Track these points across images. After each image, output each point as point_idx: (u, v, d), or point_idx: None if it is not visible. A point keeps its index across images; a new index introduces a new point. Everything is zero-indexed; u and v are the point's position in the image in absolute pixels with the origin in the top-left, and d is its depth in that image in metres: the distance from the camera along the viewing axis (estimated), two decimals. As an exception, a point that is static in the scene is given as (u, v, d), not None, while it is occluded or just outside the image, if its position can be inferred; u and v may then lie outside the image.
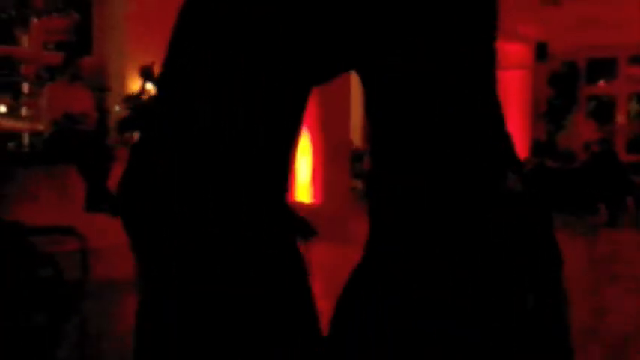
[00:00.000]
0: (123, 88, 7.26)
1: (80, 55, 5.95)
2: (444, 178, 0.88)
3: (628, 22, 9.47)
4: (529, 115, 11.31)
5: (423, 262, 0.88)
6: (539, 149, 10.51)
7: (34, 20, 7.41)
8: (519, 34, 10.05)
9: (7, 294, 1.94)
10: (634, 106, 11.75)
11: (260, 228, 0.79)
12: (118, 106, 6.76)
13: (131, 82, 7.39)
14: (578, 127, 11.12)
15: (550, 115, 11.60)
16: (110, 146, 5.50)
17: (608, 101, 11.53)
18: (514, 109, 11.11)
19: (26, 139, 7.26)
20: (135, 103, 6.50)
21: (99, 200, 4.90)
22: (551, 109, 11.58)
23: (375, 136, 0.96)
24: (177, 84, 0.83)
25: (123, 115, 6.56)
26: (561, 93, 11.52)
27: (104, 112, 6.56)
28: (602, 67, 11.68)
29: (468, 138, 0.89)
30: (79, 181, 4.94)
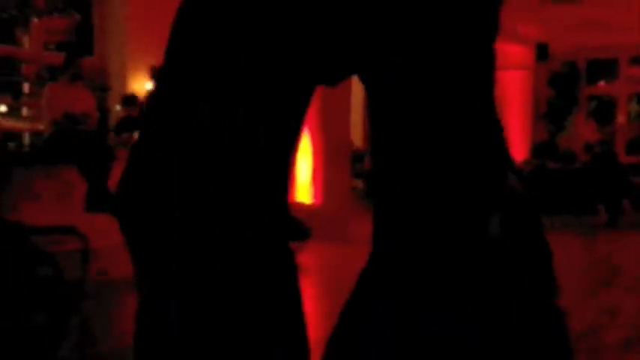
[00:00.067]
0: (124, 87, 7.27)
1: (81, 55, 5.95)
2: (444, 178, 0.88)
3: (629, 23, 9.47)
4: (530, 116, 11.32)
5: (423, 262, 0.88)
6: (539, 150, 10.51)
7: (34, 20, 7.41)
8: (520, 34, 10.05)
9: (8, 294, 1.94)
10: (634, 107, 11.75)
11: (260, 228, 0.79)
12: (118, 106, 6.76)
13: (132, 82, 7.40)
14: (578, 128, 11.12)
15: (551, 116, 11.60)
16: (111, 146, 5.50)
17: (608, 102, 11.53)
18: (515, 109, 11.11)
19: (27, 138, 7.26)
20: (134, 103, 6.51)
21: (99, 200, 4.90)
22: (552, 109, 11.58)
23: (376, 136, 0.96)
24: (176, 82, 0.83)
25: (121, 115, 6.57)
26: (562, 93, 11.52)
27: (105, 112, 6.57)
28: (603, 68, 11.68)
29: (468, 138, 0.89)
30: (79, 181, 4.94)
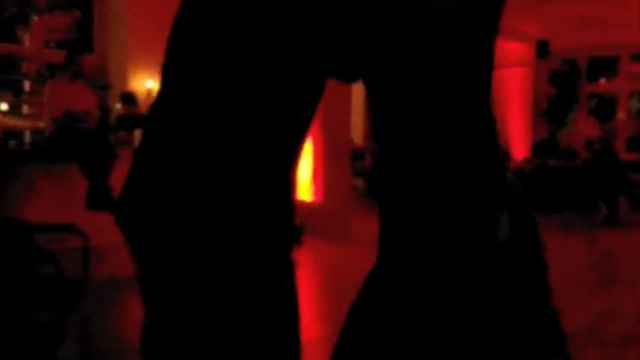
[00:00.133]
0: (124, 85, 7.27)
1: (81, 53, 5.95)
2: (444, 177, 0.88)
3: (629, 21, 9.46)
4: (530, 114, 11.31)
5: (423, 262, 0.88)
6: (540, 147, 10.51)
7: (35, 18, 7.41)
8: (520, 32, 10.03)
9: (8, 292, 1.94)
10: (635, 105, 11.74)
11: (259, 228, 0.80)
12: (119, 104, 6.77)
13: (132, 80, 7.40)
14: (579, 125, 11.11)
15: (551, 114, 11.58)
16: (111, 144, 5.51)
17: (609, 99, 11.52)
18: (515, 107, 11.11)
19: (28, 136, 7.27)
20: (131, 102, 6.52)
21: (100, 198, 4.91)
22: (553, 107, 11.57)
23: (377, 136, 0.96)
24: (177, 82, 0.83)
25: (120, 113, 6.57)
26: (562, 91, 11.51)
27: (105, 110, 6.57)
28: (604, 65, 11.67)
29: (468, 138, 0.89)
30: (80, 179, 4.94)
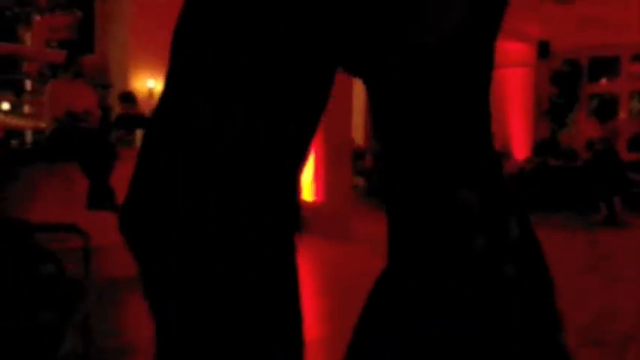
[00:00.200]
0: (125, 85, 7.28)
1: (82, 53, 5.96)
2: (444, 177, 0.88)
3: (630, 21, 9.46)
4: (531, 113, 11.32)
5: (423, 262, 0.88)
6: (541, 147, 10.52)
7: (36, 18, 7.42)
8: (521, 32, 10.04)
9: (9, 292, 1.95)
10: (636, 105, 11.74)
11: (260, 228, 0.80)
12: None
13: (133, 80, 7.41)
14: (580, 126, 11.11)
15: (552, 114, 11.59)
16: (113, 143, 5.52)
17: (610, 99, 11.52)
18: (516, 107, 11.11)
19: (29, 136, 7.29)
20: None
21: (101, 197, 4.92)
22: (554, 107, 11.57)
23: (377, 136, 0.97)
24: (178, 82, 0.83)
25: (118, 112, 6.58)
26: (564, 91, 11.52)
27: (106, 109, 6.58)
28: (605, 66, 11.66)
29: (468, 138, 0.89)
30: (81, 179, 4.95)
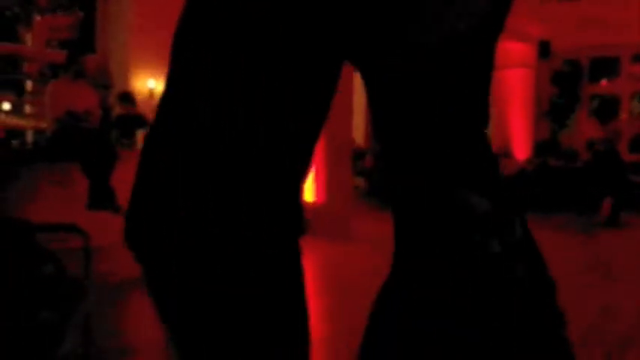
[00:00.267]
0: (126, 85, 7.28)
1: (83, 53, 5.96)
2: (444, 178, 0.88)
3: (631, 21, 9.46)
4: (532, 114, 11.31)
5: (423, 262, 0.88)
6: (541, 148, 10.52)
7: (37, 18, 7.43)
8: (522, 32, 10.04)
9: (9, 291, 1.95)
10: (636, 105, 11.73)
11: (260, 228, 0.80)
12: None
13: (134, 80, 7.41)
14: (580, 126, 11.11)
15: (553, 114, 11.59)
16: (113, 144, 5.52)
17: (611, 100, 11.52)
18: (517, 107, 11.11)
19: (30, 136, 7.29)
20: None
21: (102, 198, 4.92)
22: (554, 107, 11.57)
23: (378, 136, 0.97)
24: (178, 83, 0.83)
25: (118, 113, 6.58)
26: (564, 92, 11.52)
27: (107, 109, 6.58)
28: (605, 66, 11.66)
29: (468, 138, 0.89)
30: (82, 179, 4.96)
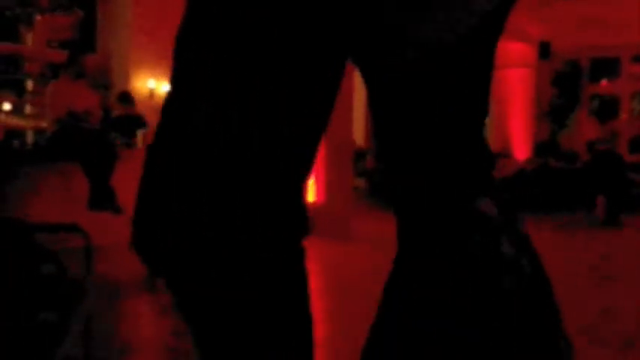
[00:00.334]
0: (126, 85, 7.29)
1: (84, 53, 5.97)
2: (443, 177, 0.88)
3: (631, 22, 9.46)
4: (532, 114, 11.31)
5: (423, 262, 0.89)
6: (541, 148, 10.52)
7: (38, 18, 7.42)
8: (523, 33, 10.04)
9: (10, 291, 1.95)
10: (637, 106, 11.74)
11: (255, 231, 0.80)
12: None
13: (135, 80, 7.41)
14: (581, 127, 11.11)
15: (553, 114, 11.59)
16: (114, 144, 5.52)
17: (611, 100, 11.52)
18: (517, 107, 11.11)
19: (30, 136, 7.28)
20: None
21: (102, 198, 4.92)
22: (554, 108, 11.57)
23: (378, 136, 0.97)
24: (177, 86, 0.83)
25: (117, 113, 6.58)
26: (564, 92, 11.52)
27: (108, 109, 6.58)
28: (606, 66, 11.67)
29: (468, 138, 0.89)
30: (82, 179, 4.96)
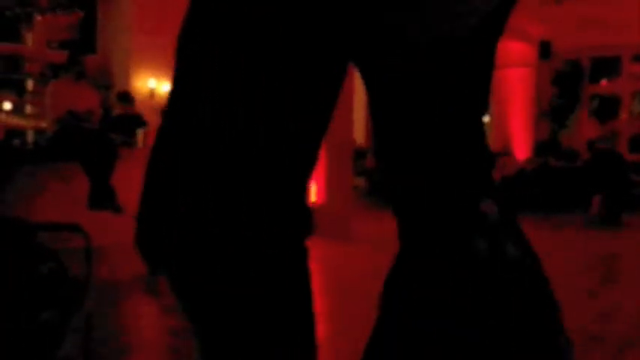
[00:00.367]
0: (127, 85, 7.29)
1: (84, 53, 5.97)
2: (443, 177, 0.88)
3: (631, 21, 9.46)
4: (532, 114, 11.32)
5: (422, 262, 0.89)
6: (542, 148, 10.52)
7: (38, 18, 7.43)
8: (523, 32, 10.04)
9: (10, 291, 1.95)
10: (637, 105, 11.73)
11: (260, 228, 0.80)
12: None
13: (135, 80, 7.42)
14: (581, 126, 11.11)
15: (553, 114, 11.59)
16: (114, 143, 5.52)
17: (611, 100, 11.51)
18: (517, 107, 11.12)
19: (30, 136, 7.29)
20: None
21: (102, 198, 4.93)
22: (555, 107, 11.57)
23: (377, 136, 0.97)
24: (181, 84, 0.83)
25: (117, 113, 6.58)
26: (565, 92, 11.52)
27: (108, 109, 6.59)
28: (606, 66, 11.66)
29: (468, 138, 0.89)
30: (83, 179, 4.96)
